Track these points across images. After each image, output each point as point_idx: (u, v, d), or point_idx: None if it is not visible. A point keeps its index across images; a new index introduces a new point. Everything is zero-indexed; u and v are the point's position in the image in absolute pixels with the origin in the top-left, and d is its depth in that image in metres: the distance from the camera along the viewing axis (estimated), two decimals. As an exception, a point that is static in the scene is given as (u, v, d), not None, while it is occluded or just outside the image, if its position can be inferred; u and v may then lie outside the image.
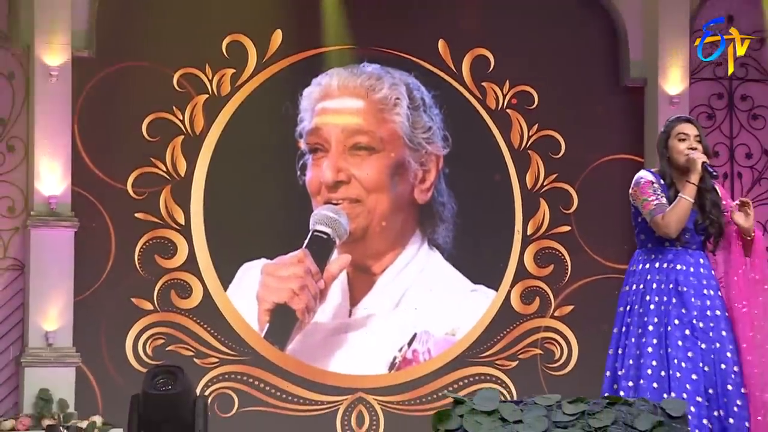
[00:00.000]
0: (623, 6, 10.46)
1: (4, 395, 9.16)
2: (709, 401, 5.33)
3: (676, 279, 5.46)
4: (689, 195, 5.42)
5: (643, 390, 5.37)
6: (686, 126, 5.60)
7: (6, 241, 9.35)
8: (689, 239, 5.50)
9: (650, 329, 5.43)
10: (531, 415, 4.47)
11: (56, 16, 9.30)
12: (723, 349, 5.40)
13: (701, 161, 5.47)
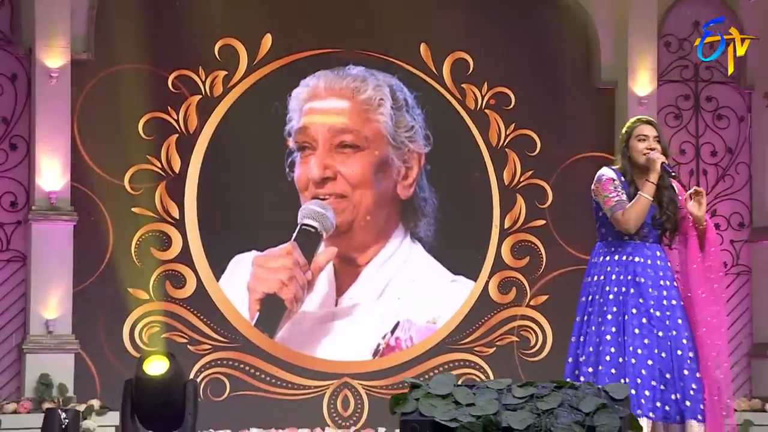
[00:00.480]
0: (595, 12, 10.46)
1: (7, 380, 9.12)
2: (666, 385, 5.37)
3: (634, 270, 5.50)
4: (648, 193, 5.47)
5: (601, 375, 5.40)
6: (646, 127, 5.69)
7: (8, 234, 9.32)
8: (647, 233, 5.55)
9: (609, 318, 5.47)
10: (483, 399, 4.48)
11: (56, 20, 9.26)
12: (679, 337, 5.43)
13: (660, 161, 5.53)
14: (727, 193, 10.69)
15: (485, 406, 4.47)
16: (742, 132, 10.72)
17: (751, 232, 10.60)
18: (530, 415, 4.39)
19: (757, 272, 10.54)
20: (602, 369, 5.41)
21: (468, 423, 4.41)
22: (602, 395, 4.42)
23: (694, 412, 5.34)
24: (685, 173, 10.65)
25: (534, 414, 4.40)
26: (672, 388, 5.37)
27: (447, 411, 4.47)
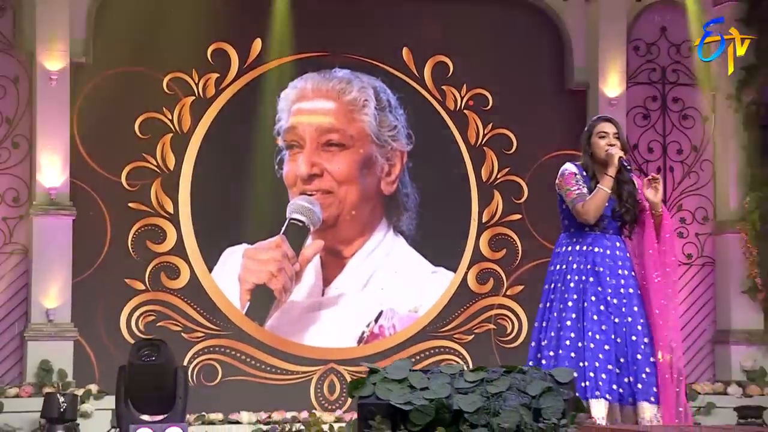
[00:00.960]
0: (568, 18, 10.45)
1: (10, 366, 9.12)
2: (621, 369, 5.36)
3: (593, 260, 5.49)
4: (607, 186, 5.46)
5: (562, 359, 5.39)
6: (606, 125, 5.68)
7: (11, 228, 9.30)
8: (607, 225, 5.53)
9: (570, 305, 5.46)
10: (436, 383, 4.49)
11: (56, 26, 9.25)
12: (634, 323, 5.42)
13: (618, 156, 5.51)
14: (692, 188, 10.67)
15: (438, 390, 4.45)
16: (706, 131, 10.69)
17: (714, 225, 10.58)
18: (480, 398, 4.38)
19: (720, 263, 10.52)
20: (562, 353, 5.39)
21: (421, 406, 4.40)
22: (548, 379, 4.41)
23: (647, 395, 5.31)
24: (653, 170, 10.61)
25: (484, 397, 4.39)
26: (626, 372, 5.36)
27: (402, 395, 4.45)
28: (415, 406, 4.37)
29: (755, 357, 10.15)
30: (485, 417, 4.33)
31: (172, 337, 9.31)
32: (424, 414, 4.37)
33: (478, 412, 4.34)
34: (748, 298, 10.27)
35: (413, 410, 4.39)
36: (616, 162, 5.48)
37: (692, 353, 10.47)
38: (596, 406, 5.24)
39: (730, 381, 10.04)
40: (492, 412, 4.30)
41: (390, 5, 10.14)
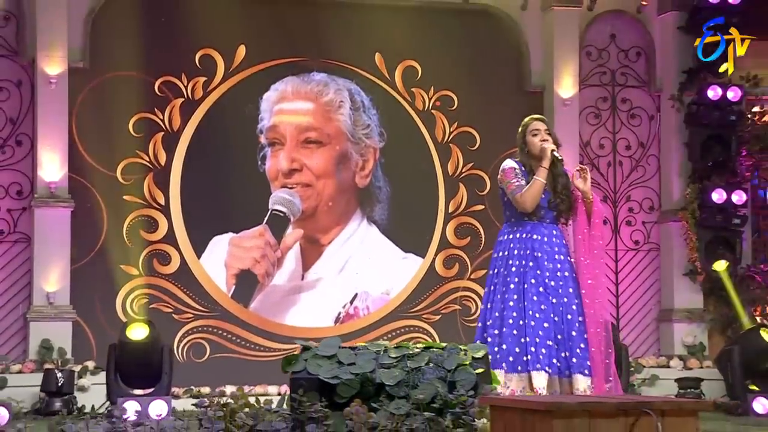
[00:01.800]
0: (526, 26, 10.45)
1: (14, 344, 9.08)
2: (558, 345, 5.41)
3: (532, 246, 5.53)
4: (542, 177, 5.52)
5: (505, 336, 5.42)
6: (538, 123, 5.78)
7: (15, 218, 9.27)
8: (544, 215, 5.58)
9: (512, 287, 5.49)
10: (362, 359, 4.58)
11: (55, 34, 9.20)
12: (569, 303, 5.46)
13: (550, 149, 5.55)
14: (640, 181, 10.68)
15: (364, 365, 4.54)
16: (652, 129, 10.70)
17: (659, 214, 10.59)
18: (401, 373, 4.47)
19: (664, 249, 10.53)
20: (506, 330, 5.42)
21: (347, 380, 4.47)
22: (464, 355, 4.44)
23: (581, 368, 5.36)
24: (604, 165, 10.63)
25: (404, 371, 4.44)
26: (562, 347, 5.40)
27: (330, 370, 4.55)
28: (342, 380, 4.45)
29: (695, 333, 10.18)
30: (405, 389, 4.36)
31: (164, 318, 9.36)
32: (350, 387, 4.44)
33: (399, 385, 4.38)
34: (689, 280, 10.28)
35: (340, 384, 4.48)
36: (549, 155, 5.56)
37: (639, 330, 10.52)
38: (537, 378, 5.28)
39: (673, 355, 10.06)
40: (411, 385, 4.34)
41: (363, 14, 10.09)
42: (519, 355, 5.31)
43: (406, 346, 4.67)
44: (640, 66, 10.69)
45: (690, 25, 10.32)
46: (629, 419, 3.00)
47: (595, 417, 3.01)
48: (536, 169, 5.59)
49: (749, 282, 10.25)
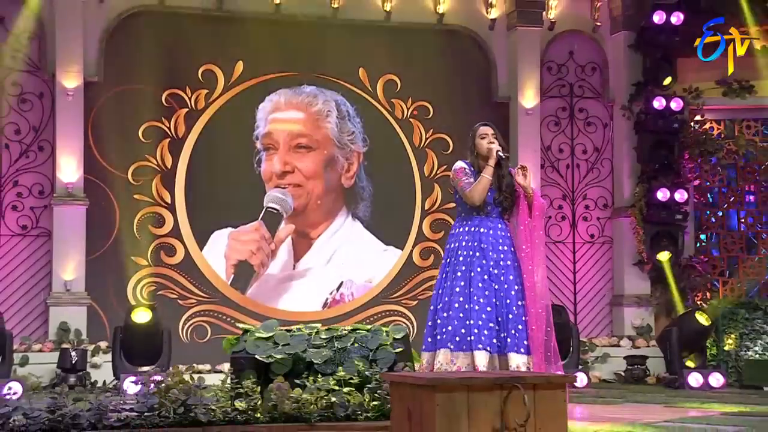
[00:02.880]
0: (493, 44, 10.45)
1: (36, 327, 9.06)
2: (499, 326, 5.32)
3: (479, 239, 5.47)
4: (488, 174, 5.47)
5: (452, 318, 5.36)
6: (485, 128, 5.70)
7: (37, 215, 9.26)
8: (490, 210, 5.52)
9: (459, 275, 5.43)
10: (296, 340, 4.55)
11: (73, 52, 9.19)
12: (509, 290, 5.40)
13: (496, 150, 5.50)
14: (595, 182, 10.66)
15: (296, 346, 4.51)
16: (605, 135, 10.69)
17: (612, 211, 10.57)
18: (330, 352, 4.43)
19: (616, 241, 10.54)
20: (452, 313, 5.36)
21: (281, 359, 4.43)
22: (384, 335, 4.42)
23: (516, 347, 5.29)
24: (563, 167, 10.62)
25: (332, 351, 4.39)
26: (503, 329, 5.33)
27: (266, 350, 4.48)
28: (276, 359, 4.40)
29: (643, 316, 10.19)
30: (332, 367, 4.31)
31: (170, 304, 9.37)
32: (283, 365, 4.42)
33: (326, 363, 4.35)
34: (638, 269, 10.29)
35: (274, 362, 4.46)
36: (495, 155, 5.50)
37: (594, 314, 10.51)
38: (479, 356, 5.22)
39: (623, 335, 10.07)
40: (337, 363, 4.30)
41: (348, 34, 10.04)
42: (464, 336, 5.25)
43: (336, 329, 4.63)
44: (595, 79, 10.69)
45: (638, 44, 10.32)
46: (503, 392, 3.00)
47: (473, 391, 3.00)
48: (483, 168, 5.55)
49: (690, 271, 10.25)
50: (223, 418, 3.78)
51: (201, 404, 3.76)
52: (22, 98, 9.26)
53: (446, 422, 2.92)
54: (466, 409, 2.92)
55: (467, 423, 2.91)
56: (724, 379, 8.37)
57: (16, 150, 9.22)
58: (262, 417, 3.94)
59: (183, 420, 3.68)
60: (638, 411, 5.87)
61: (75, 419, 3.67)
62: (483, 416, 2.93)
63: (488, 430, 2.91)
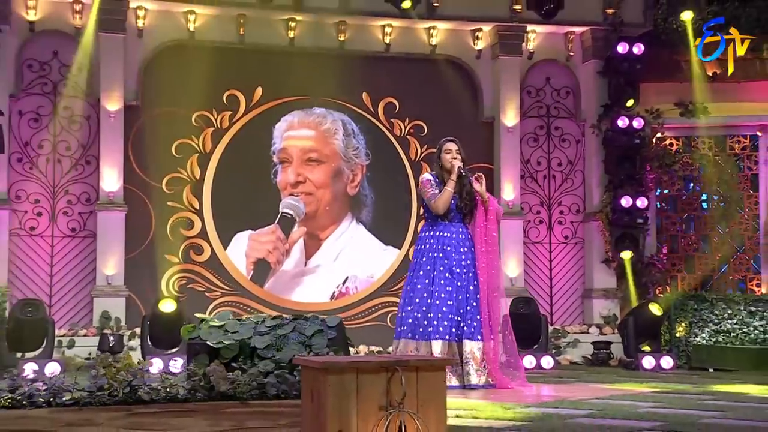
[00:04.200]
0: (480, 71, 10.48)
1: (83, 315, 9.17)
2: (459, 318, 5.40)
3: (443, 241, 5.54)
4: (450, 187, 5.54)
5: (415, 310, 5.44)
6: (450, 144, 5.74)
7: (84, 219, 9.35)
8: (453, 216, 5.60)
9: (422, 273, 5.52)
10: (244, 328, 4.45)
11: (115, 80, 9.31)
12: (468, 286, 5.48)
13: (457, 165, 5.58)
14: (569, 190, 10.71)
15: (244, 333, 4.47)
16: (578, 150, 10.72)
17: (583, 215, 10.62)
18: (271, 338, 4.37)
19: (587, 242, 10.57)
20: (414, 307, 5.45)
21: (229, 344, 4.37)
22: (320, 323, 4.40)
23: (471, 335, 5.39)
24: (541, 177, 10.68)
25: (274, 337, 4.36)
26: (463, 320, 5.42)
27: (217, 337, 4.44)
28: (224, 345, 4.34)
29: (609, 307, 10.23)
30: (272, 351, 4.30)
31: (198, 295, 9.47)
32: (230, 350, 4.34)
33: (267, 348, 4.31)
34: (605, 266, 10.34)
35: (223, 347, 4.37)
36: (456, 169, 5.57)
37: (568, 305, 10.56)
38: (435, 345, 5.30)
39: (592, 324, 10.11)
40: (277, 348, 4.29)
41: (353, 63, 10.07)
42: (426, 327, 5.33)
43: (280, 317, 4.64)
44: (568, 102, 10.74)
45: (605, 71, 10.39)
46: (388, 374, 2.92)
47: (362, 372, 2.94)
48: (447, 180, 5.65)
49: (651, 268, 10.30)
50: (165, 397, 3.71)
51: (145, 384, 3.73)
52: (72, 120, 9.36)
53: (337, 400, 2.91)
54: (356, 389, 2.90)
55: (356, 401, 2.90)
56: (673, 361, 8.43)
57: (67, 164, 9.34)
58: (200, 396, 3.84)
59: (128, 398, 3.65)
60: (580, 390, 5.85)
61: (31, 398, 3.63)
62: (370, 395, 2.91)
63: (375, 407, 2.89)
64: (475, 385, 5.41)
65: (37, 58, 9.36)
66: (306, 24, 9.89)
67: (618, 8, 10.25)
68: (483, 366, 5.44)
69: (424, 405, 2.89)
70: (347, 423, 2.86)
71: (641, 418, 4.12)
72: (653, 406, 4.70)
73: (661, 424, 3.92)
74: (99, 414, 3.36)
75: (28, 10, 9.20)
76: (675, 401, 4.99)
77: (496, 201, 5.80)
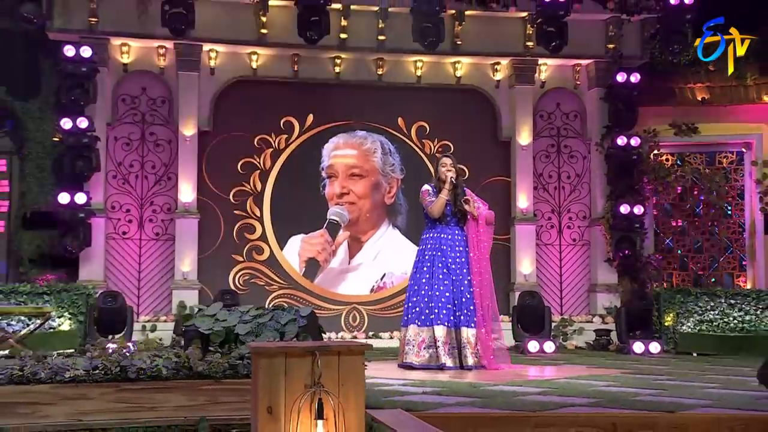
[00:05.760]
0: (498, 98, 10.48)
1: (164, 305, 9.38)
2: (455, 307, 5.50)
3: (440, 242, 5.64)
4: (444, 195, 5.64)
5: (420, 302, 5.49)
6: (446, 159, 5.84)
7: (166, 225, 9.58)
8: (449, 220, 5.69)
9: (425, 269, 5.61)
10: (232, 317, 4.37)
11: (190, 110, 9.56)
12: (463, 280, 5.54)
13: (450, 177, 5.68)
14: (577, 199, 10.65)
15: (231, 321, 4.38)
16: (584, 165, 10.66)
17: (589, 221, 10.60)
18: (251, 326, 4.26)
19: (592, 244, 10.53)
20: (419, 298, 5.52)
21: (217, 331, 4.32)
22: (294, 313, 4.38)
23: (467, 323, 5.44)
24: (552, 189, 10.67)
25: (254, 325, 4.33)
26: (458, 310, 5.50)
27: (208, 324, 4.39)
28: (213, 331, 4.30)
29: (611, 300, 10.15)
30: (252, 337, 4.29)
31: (259, 289, 9.63)
32: (218, 335, 4.30)
33: (248, 334, 4.24)
34: (608, 265, 10.29)
35: (212, 333, 4.32)
36: (449, 181, 5.67)
37: (575, 298, 10.50)
38: (437, 330, 5.36)
39: (596, 314, 10.07)
40: (256, 334, 4.28)
41: (390, 92, 10.21)
42: (428, 315, 5.43)
43: (263, 307, 4.56)
44: (576, 124, 10.71)
45: (607, 97, 10.37)
46: (311, 358, 2.91)
47: (290, 357, 2.90)
48: (442, 190, 5.76)
49: (648, 266, 10.28)
50: (150, 375, 3.68)
51: (132, 365, 3.69)
52: (156, 143, 9.71)
53: (268, 380, 2.89)
54: (284, 370, 2.90)
55: (284, 381, 2.90)
56: (661, 347, 8.42)
57: (152, 180, 9.65)
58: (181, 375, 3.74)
59: (118, 377, 3.63)
60: (560, 371, 5.80)
61: (35, 375, 3.60)
62: (297, 376, 2.89)
63: (301, 386, 2.90)
64: (469, 366, 5.53)
65: (129, 93, 9.74)
66: (349, 61, 10.07)
67: (618, 43, 10.28)
68: (476, 350, 5.57)
69: (344, 384, 2.91)
70: (276, 400, 2.86)
71: (582, 395, 4.04)
72: (607, 385, 4.65)
73: (595, 400, 3.87)
74: (92, 389, 3.48)
75: (122, 54, 9.61)
76: (630, 381, 4.96)
77: (486, 207, 5.88)
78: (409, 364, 5.42)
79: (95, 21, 9.25)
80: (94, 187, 9.22)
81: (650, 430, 3.31)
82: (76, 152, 8.92)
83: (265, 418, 2.86)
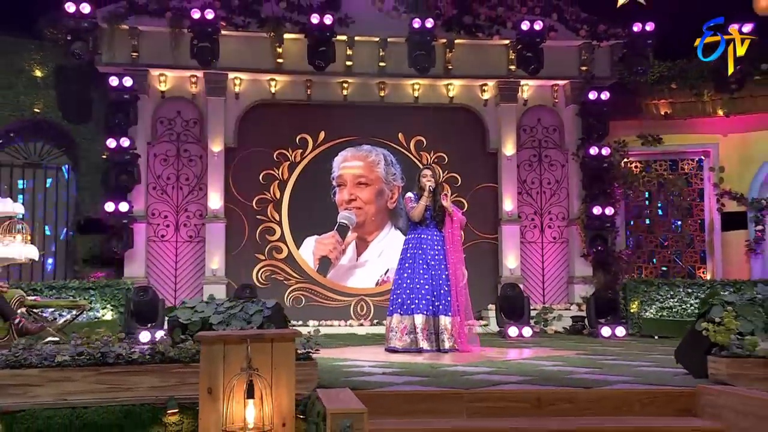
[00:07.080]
0: (487, 114, 10.50)
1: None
2: (434, 298, 5.52)
3: (421, 242, 5.67)
4: (423, 202, 5.66)
5: (400, 294, 5.51)
6: (426, 170, 5.88)
7: (198, 229, 9.70)
8: (429, 223, 5.72)
9: (407, 265, 5.64)
10: (208, 309, 4.33)
11: (218, 129, 9.68)
12: (441, 275, 5.55)
13: (429, 186, 5.70)
14: (557, 202, 10.64)
15: (206, 312, 4.34)
16: (563, 173, 10.66)
17: (567, 221, 10.57)
18: (223, 316, 4.23)
19: (570, 242, 10.52)
20: (401, 291, 5.55)
21: (194, 321, 4.27)
22: (262, 305, 4.36)
23: (446, 311, 5.45)
24: (535, 193, 10.66)
25: (226, 316, 4.30)
26: (436, 300, 5.52)
27: (188, 315, 4.34)
28: (191, 321, 4.25)
29: (586, 290, 10.13)
30: (223, 326, 4.27)
31: (279, 283, 9.70)
32: (195, 325, 4.24)
33: (220, 324, 4.19)
34: (583, 259, 10.28)
35: (190, 323, 4.25)
36: (428, 189, 5.70)
37: (555, 288, 10.49)
38: (417, 318, 5.41)
39: (573, 302, 10.05)
40: (226, 323, 4.27)
41: (391, 111, 10.24)
42: (409, 305, 5.48)
43: (234, 300, 4.53)
44: (555, 136, 10.70)
45: (581, 112, 10.37)
46: (247, 344, 2.85)
47: (228, 344, 2.87)
48: (422, 197, 5.78)
49: (619, 260, 10.21)
50: (127, 360, 3.68)
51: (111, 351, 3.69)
52: (189, 158, 9.83)
53: (208, 365, 2.89)
54: (223, 355, 2.88)
55: (223, 365, 2.89)
56: (626, 331, 8.40)
57: (186, 190, 9.78)
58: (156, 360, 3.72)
59: (99, 362, 3.63)
60: (524, 353, 5.79)
61: (26, 360, 3.60)
62: (234, 360, 2.87)
63: (237, 368, 2.89)
64: (446, 349, 5.58)
65: (166, 116, 9.92)
66: (355, 84, 10.14)
67: (590, 66, 10.24)
68: (452, 335, 5.62)
69: (277, 368, 2.89)
70: (216, 382, 2.86)
71: (522, 374, 4.02)
72: (553, 365, 4.63)
73: (531, 378, 3.87)
74: (76, 373, 3.54)
75: (160, 83, 9.79)
76: (576, 361, 4.94)
77: (460, 212, 5.91)
78: (393, 348, 5.49)
79: (136, 55, 9.44)
80: (136, 197, 9.39)
81: (570, 403, 3.35)
82: (121, 167, 9.11)
83: (206, 398, 2.84)
